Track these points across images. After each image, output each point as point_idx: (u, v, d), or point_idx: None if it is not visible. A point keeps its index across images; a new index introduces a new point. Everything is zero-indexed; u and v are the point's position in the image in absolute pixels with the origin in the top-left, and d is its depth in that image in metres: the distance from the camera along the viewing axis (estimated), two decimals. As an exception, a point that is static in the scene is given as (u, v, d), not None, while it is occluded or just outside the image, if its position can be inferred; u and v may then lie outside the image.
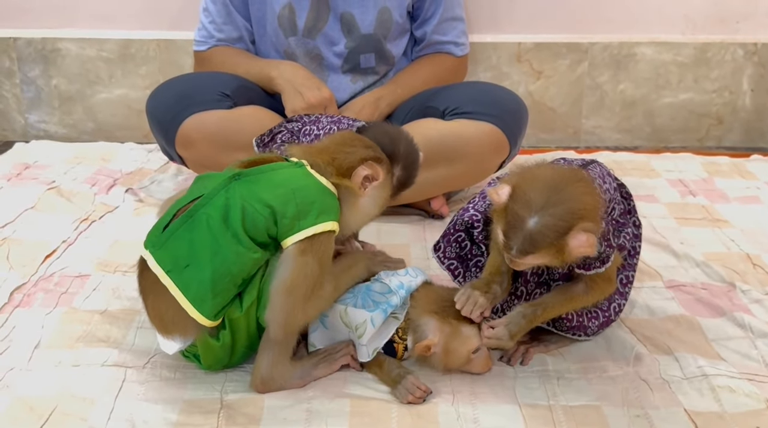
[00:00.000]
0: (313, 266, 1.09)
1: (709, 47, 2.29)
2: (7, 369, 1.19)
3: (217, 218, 1.08)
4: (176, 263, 1.08)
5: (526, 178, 1.05)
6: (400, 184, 1.23)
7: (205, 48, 1.86)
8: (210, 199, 1.10)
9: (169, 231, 1.10)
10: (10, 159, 2.09)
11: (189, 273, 1.07)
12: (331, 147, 1.17)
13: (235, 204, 1.08)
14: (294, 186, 1.11)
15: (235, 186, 1.10)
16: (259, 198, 1.09)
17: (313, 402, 1.12)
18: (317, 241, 1.09)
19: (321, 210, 1.10)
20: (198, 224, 1.09)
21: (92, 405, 1.11)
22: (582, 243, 1.00)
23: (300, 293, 1.08)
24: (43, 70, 2.29)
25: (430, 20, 1.86)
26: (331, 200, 1.13)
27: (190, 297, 1.08)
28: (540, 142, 2.35)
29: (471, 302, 1.14)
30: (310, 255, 1.08)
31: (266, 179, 1.12)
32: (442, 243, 1.28)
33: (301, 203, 1.09)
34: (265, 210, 1.08)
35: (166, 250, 1.09)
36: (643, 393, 1.15)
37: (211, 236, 1.08)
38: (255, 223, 1.08)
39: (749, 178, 2.02)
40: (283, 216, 1.08)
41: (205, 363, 1.17)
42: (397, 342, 1.18)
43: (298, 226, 1.08)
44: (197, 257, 1.07)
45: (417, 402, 1.12)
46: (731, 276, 1.48)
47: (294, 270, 1.08)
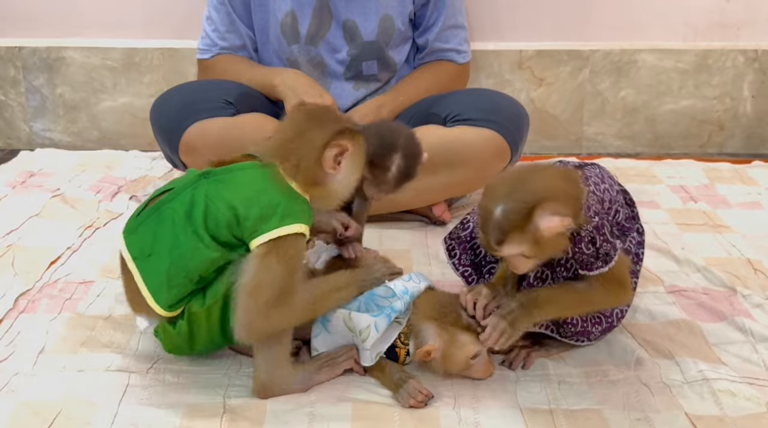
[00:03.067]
0: (277, 270, 1.08)
1: (710, 54, 2.30)
2: (12, 373, 1.20)
3: (181, 213, 1.10)
4: (142, 251, 1.12)
5: (496, 178, 1.10)
6: (402, 175, 1.24)
7: (209, 56, 1.88)
8: (177, 195, 1.13)
9: (140, 219, 1.14)
10: (16, 167, 2.10)
11: (150, 263, 1.11)
12: (293, 142, 1.15)
13: (199, 201, 1.10)
14: (259, 187, 1.11)
15: (203, 184, 1.12)
16: (223, 198, 1.10)
17: (316, 406, 1.13)
18: (282, 244, 1.08)
19: (285, 213, 1.09)
20: (163, 217, 1.12)
21: (96, 410, 1.12)
22: (553, 223, 1.02)
23: (263, 296, 1.08)
24: (47, 79, 2.31)
25: (432, 28, 1.87)
26: (298, 203, 1.12)
27: (149, 286, 1.11)
28: (542, 149, 2.36)
29: (476, 292, 1.16)
30: (275, 258, 1.08)
31: (233, 179, 1.12)
32: (458, 250, 1.29)
33: (265, 206, 1.09)
34: (228, 210, 1.09)
35: (136, 237, 1.13)
36: (644, 397, 1.15)
37: (173, 230, 1.10)
38: (217, 222, 1.09)
39: (750, 184, 2.03)
40: (246, 219, 1.08)
41: (165, 347, 1.21)
42: (399, 347, 1.19)
43: (261, 229, 1.08)
44: (158, 248, 1.11)
45: (419, 406, 1.13)
46: (732, 281, 1.49)
47: (257, 272, 1.08)
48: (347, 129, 1.17)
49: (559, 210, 1.03)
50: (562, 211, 1.03)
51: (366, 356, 1.17)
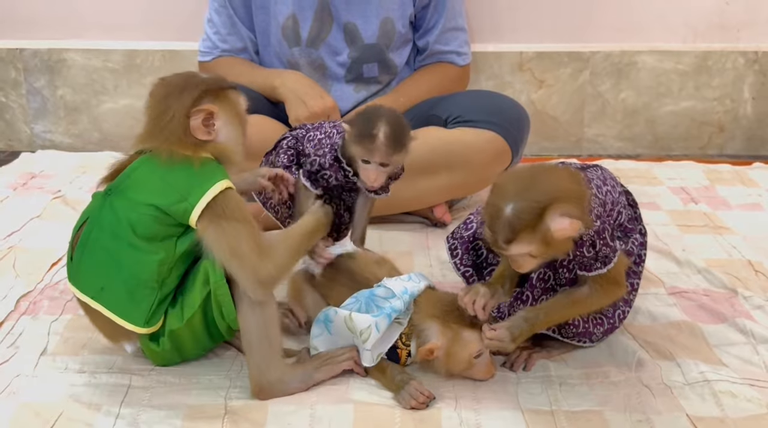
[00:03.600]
0: (233, 226, 1.09)
1: (710, 55, 2.30)
2: (14, 375, 1.20)
3: (107, 238, 1.11)
4: (94, 288, 1.12)
5: (504, 175, 1.09)
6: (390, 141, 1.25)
7: (210, 58, 1.88)
8: (95, 223, 1.13)
9: (76, 261, 1.14)
10: (17, 168, 2.11)
11: (106, 294, 1.12)
12: (161, 120, 1.11)
13: (119, 218, 1.10)
14: (162, 174, 1.10)
15: (110, 201, 1.12)
16: (139, 202, 1.10)
17: (317, 408, 1.13)
18: (218, 205, 1.09)
19: (199, 180, 1.09)
20: (93, 249, 1.12)
21: (98, 411, 1.12)
22: (564, 225, 1.01)
23: (244, 251, 1.08)
24: (48, 81, 2.31)
25: (433, 30, 1.87)
26: (203, 167, 1.11)
27: (118, 313, 1.12)
28: (542, 151, 2.36)
29: (473, 292, 1.15)
30: (222, 218, 1.09)
31: (135, 182, 1.12)
32: (459, 250, 1.29)
33: (179, 185, 1.09)
34: (150, 209, 1.09)
35: (81, 280, 1.14)
36: (646, 398, 1.15)
37: (108, 256, 1.11)
38: (145, 226, 1.09)
39: (751, 186, 2.03)
40: (170, 205, 1.09)
41: (154, 362, 1.22)
42: (400, 347, 1.19)
43: (190, 204, 1.08)
44: (106, 278, 1.11)
45: (420, 408, 1.13)
46: (733, 283, 1.49)
47: (219, 238, 1.09)
48: (208, 90, 1.13)
49: (570, 211, 1.02)
50: (574, 213, 1.02)
51: (367, 356, 1.17)
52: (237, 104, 1.19)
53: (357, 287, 1.24)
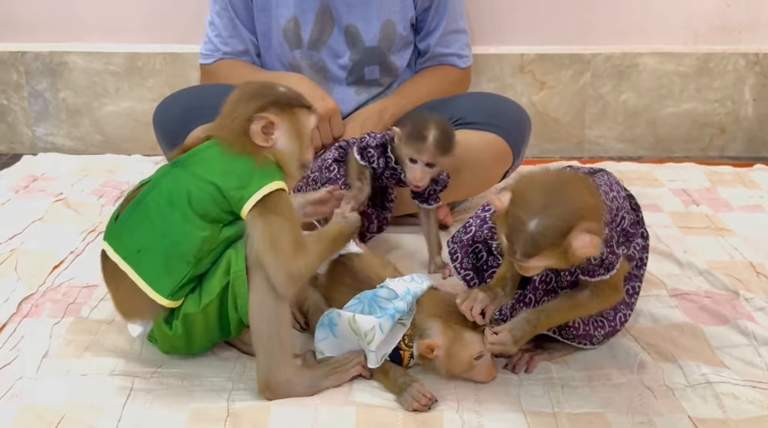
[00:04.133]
0: (279, 221, 1.13)
1: (711, 57, 2.31)
2: (16, 378, 1.20)
3: (164, 202, 1.14)
4: (131, 249, 1.15)
5: (526, 182, 1.06)
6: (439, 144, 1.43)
7: (212, 61, 1.88)
8: (155, 187, 1.16)
9: (121, 220, 1.17)
10: (18, 171, 2.11)
11: (142, 257, 1.14)
12: (229, 118, 1.19)
13: (179, 187, 1.14)
14: (227, 160, 1.16)
15: (177, 172, 1.17)
16: (201, 177, 1.14)
17: (320, 410, 1.13)
18: (270, 201, 1.13)
19: (260, 174, 1.14)
20: (147, 210, 1.15)
21: (100, 414, 1.12)
22: (585, 243, 1.00)
23: (283, 245, 1.12)
24: (50, 84, 2.31)
25: (434, 33, 1.87)
26: (264, 163, 1.17)
27: (146, 279, 1.14)
28: (544, 152, 2.37)
29: (471, 297, 1.15)
30: (271, 213, 1.13)
31: (202, 160, 1.17)
32: (459, 254, 1.29)
33: (241, 174, 1.14)
34: (210, 187, 1.13)
35: (121, 238, 1.16)
36: (648, 400, 1.16)
37: (160, 219, 1.14)
38: (202, 201, 1.13)
39: (752, 187, 2.03)
40: (228, 189, 1.13)
41: (162, 348, 1.24)
42: (403, 349, 1.19)
43: (246, 194, 1.13)
44: (148, 240, 1.14)
45: (422, 410, 1.13)
46: (735, 285, 1.49)
47: (264, 229, 1.13)
48: (276, 102, 1.19)
49: (593, 229, 1.01)
50: (596, 231, 1.01)
51: (372, 358, 1.17)
52: (302, 122, 1.23)
53: (360, 287, 1.24)
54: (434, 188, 1.55)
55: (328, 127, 1.73)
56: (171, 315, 1.18)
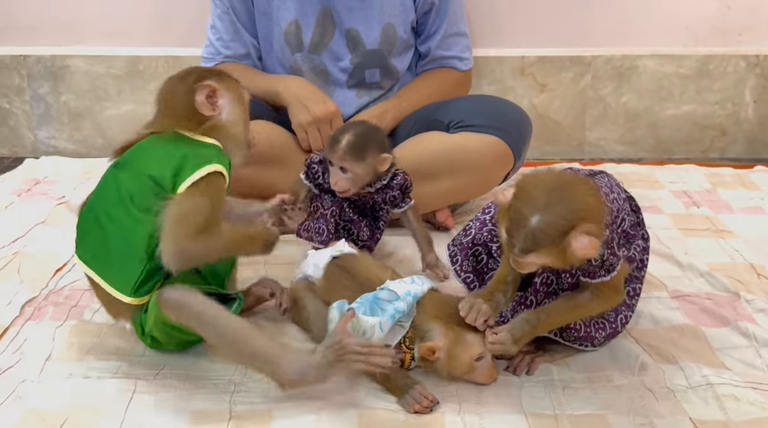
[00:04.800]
0: (200, 201, 1.14)
1: (711, 59, 2.31)
2: (19, 381, 1.20)
3: (109, 205, 1.18)
4: (93, 254, 1.20)
5: (531, 180, 1.07)
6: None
7: (213, 64, 1.88)
8: (100, 191, 1.21)
9: (79, 229, 1.23)
10: (21, 174, 2.11)
11: (102, 261, 1.18)
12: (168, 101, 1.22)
13: (120, 188, 1.17)
14: (164, 149, 1.18)
15: (117, 172, 1.20)
16: (139, 173, 1.16)
17: (322, 413, 1.13)
18: (203, 183, 1.15)
19: (196, 159, 1.15)
20: (95, 216, 1.19)
21: (103, 416, 1.13)
22: (584, 245, 1.01)
23: (190, 223, 1.12)
24: (52, 87, 2.32)
25: (434, 36, 1.88)
26: (204, 149, 1.19)
27: (108, 281, 1.18)
28: (544, 155, 2.37)
29: (475, 310, 1.15)
30: (197, 192, 1.14)
31: (139, 155, 1.20)
32: (459, 257, 1.29)
33: (176, 160, 1.15)
34: (146, 180, 1.15)
35: (80, 246, 1.22)
36: (649, 402, 1.16)
37: (107, 222, 1.17)
38: (144, 196, 1.15)
39: (753, 189, 2.03)
40: (163, 178, 1.14)
41: (146, 343, 1.27)
42: (404, 351, 1.20)
43: (180, 180, 1.14)
44: (100, 245, 1.18)
45: (424, 412, 1.13)
46: (735, 286, 1.49)
47: (182, 203, 1.13)
48: (209, 72, 1.24)
49: (593, 231, 1.01)
50: (596, 233, 1.02)
51: None
52: (240, 90, 1.28)
53: (359, 289, 1.25)
54: (393, 195, 1.53)
55: (329, 129, 1.73)
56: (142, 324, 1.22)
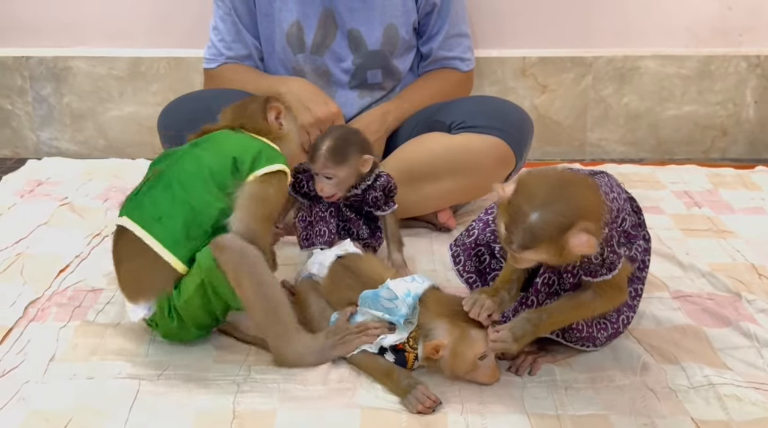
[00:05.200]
0: (270, 192, 1.27)
1: (712, 60, 2.31)
2: (23, 381, 1.21)
3: (186, 175, 1.24)
4: (152, 217, 1.22)
5: (532, 177, 1.08)
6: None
7: (215, 65, 1.89)
8: (177, 161, 1.27)
9: (143, 193, 1.26)
10: (23, 176, 2.12)
11: (164, 224, 1.21)
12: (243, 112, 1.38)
13: (200, 162, 1.25)
14: (242, 141, 1.31)
15: (197, 151, 1.28)
16: (221, 152, 1.27)
17: (325, 413, 1.14)
18: (274, 178, 1.28)
19: (269, 155, 1.29)
20: (169, 182, 1.24)
21: (107, 417, 1.13)
22: (582, 242, 1.01)
23: (262, 207, 1.25)
24: (54, 88, 2.33)
25: (436, 36, 1.88)
26: (274, 150, 1.32)
27: (166, 245, 1.21)
28: (546, 155, 2.37)
29: (478, 304, 1.16)
30: (268, 184, 1.27)
31: (219, 140, 1.31)
32: (462, 257, 1.29)
33: (254, 151, 1.28)
34: (227, 159, 1.25)
35: (142, 208, 1.24)
36: (650, 402, 1.16)
37: (181, 190, 1.23)
38: (222, 174, 1.24)
39: (754, 189, 2.04)
40: (242, 162, 1.25)
41: (162, 333, 1.30)
42: (407, 351, 1.20)
43: (256, 167, 1.26)
44: (170, 208, 1.22)
45: (427, 412, 1.13)
46: (737, 287, 1.50)
47: (259, 188, 1.25)
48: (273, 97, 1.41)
49: (591, 230, 1.02)
50: (594, 231, 1.02)
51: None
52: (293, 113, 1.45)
53: (363, 289, 1.26)
54: (375, 196, 1.52)
55: (331, 131, 1.74)
56: (169, 304, 1.24)
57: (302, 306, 1.36)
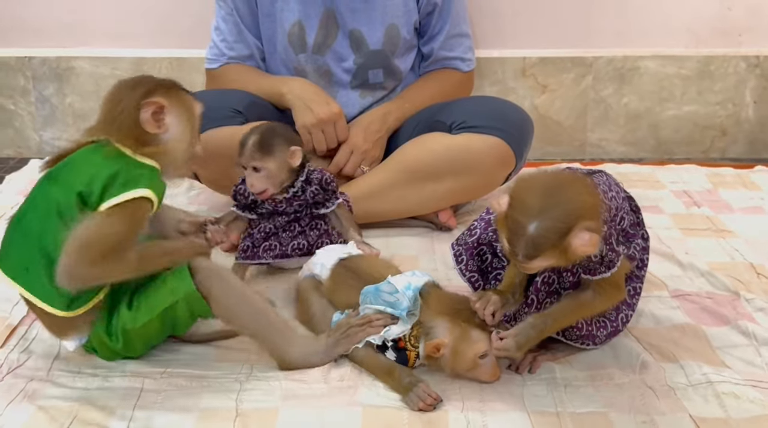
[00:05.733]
0: (117, 227, 1.10)
1: (712, 60, 2.32)
2: (28, 379, 1.22)
3: (39, 217, 1.14)
4: (19, 268, 1.16)
5: (523, 185, 1.08)
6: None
7: (217, 66, 1.90)
8: (31, 202, 1.17)
9: (6, 241, 1.18)
10: (27, 175, 2.13)
11: (31, 275, 1.14)
12: (112, 113, 1.17)
13: (49, 200, 1.14)
14: (97, 164, 1.13)
15: (47, 185, 1.16)
16: (69, 187, 1.12)
17: (326, 411, 1.15)
18: (127, 207, 1.11)
19: (126, 180, 1.12)
20: (23, 228, 1.16)
21: (112, 414, 1.14)
22: (585, 241, 1.02)
23: (96, 249, 1.09)
24: (57, 88, 2.34)
25: (437, 36, 1.89)
26: (138, 169, 1.15)
27: (39, 296, 1.15)
28: (546, 155, 2.38)
29: (485, 300, 1.18)
30: (116, 216, 1.11)
31: (71, 168, 1.15)
32: (465, 256, 1.30)
33: (106, 178, 1.11)
34: (73, 196, 1.11)
35: (8, 259, 1.17)
36: (650, 399, 1.17)
37: (35, 235, 1.14)
38: (71, 211, 1.11)
39: (753, 189, 2.05)
40: (90, 195, 1.11)
41: (102, 356, 1.25)
42: (409, 349, 1.21)
43: (105, 198, 1.11)
44: (32, 257, 1.14)
45: (428, 410, 1.14)
46: (736, 286, 1.50)
47: (96, 225, 1.10)
48: (160, 86, 1.18)
49: (593, 227, 1.03)
50: (595, 229, 1.03)
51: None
52: (191, 105, 1.23)
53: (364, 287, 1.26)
54: (312, 190, 1.51)
55: (333, 131, 1.75)
56: (109, 324, 1.20)
57: (304, 306, 1.37)
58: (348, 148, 1.78)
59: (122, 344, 1.21)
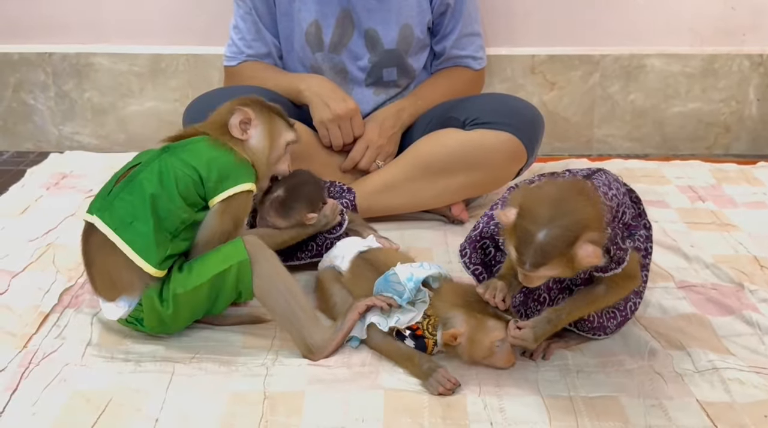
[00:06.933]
0: (228, 224, 1.30)
1: (716, 59, 2.36)
2: (63, 364, 1.26)
3: (154, 182, 1.26)
4: (122, 221, 1.25)
5: (531, 197, 1.11)
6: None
7: (235, 63, 1.94)
8: (146, 167, 1.28)
9: (113, 195, 1.27)
10: (47, 169, 2.17)
11: (134, 229, 1.24)
12: (216, 116, 1.39)
13: (168, 170, 1.27)
14: (212, 154, 1.31)
15: (167, 157, 1.30)
16: (188, 164, 1.28)
17: (350, 394, 1.19)
18: (235, 201, 1.31)
19: (237, 174, 1.31)
20: (138, 187, 1.26)
21: (146, 397, 1.19)
22: (589, 253, 1.06)
23: (212, 245, 1.29)
24: (76, 84, 2.38)
25: (450, 36, 1.93)
26: (242, 164, 1.33)
27: (137, 249, 1.24)
28: (554, 151, 2.43)
29: (492, 287, 1.22)
30: (228, 215, 1.30)
31: (190, 149, 1.31)
32: (468, 250, 1.35)
33: (221, 168, 1.30)
34: (195, 173, 1.28)
35: (112, 211, 1.26)
36: (658, 385, 1.22)
37: (150, 196, 1.25)
38: (186, 185, 1.27)
39: (756, 185, 2.08)
40: (208, 180, 1.28)
41: (147, 326, 1.31)
42: (427, 337, 1.26)
43: (222, 187, 1.29)
44: (139, 214, 1.24)
45: (447, 394, 1.19)
46: (739, 277, 1.54)
47: (214, 227, 1.30)
48: (256, 103, 1.40)
49: (596, 240, 1.07)
50: (598, 241, 1.07)
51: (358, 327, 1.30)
52: (277, 129, 1.43)
53: None
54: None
55: (350, 126, 1.80)
56: (161, 293, 1.27)
57: (325, 296, 1.42)
58: (364, 143, 1.83)
59: (172, 310, 1.27)
